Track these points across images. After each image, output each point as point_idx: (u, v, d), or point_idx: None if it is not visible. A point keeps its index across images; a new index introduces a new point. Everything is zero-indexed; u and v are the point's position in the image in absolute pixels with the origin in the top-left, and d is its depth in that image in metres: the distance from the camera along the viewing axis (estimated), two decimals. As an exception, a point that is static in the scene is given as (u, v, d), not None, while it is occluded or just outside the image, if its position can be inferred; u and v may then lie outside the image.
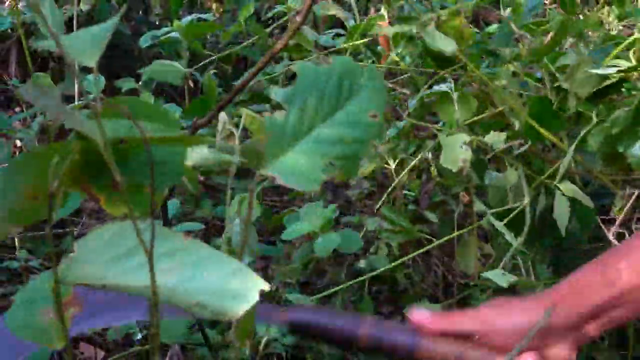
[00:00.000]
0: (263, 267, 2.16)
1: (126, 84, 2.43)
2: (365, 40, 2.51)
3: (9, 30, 2.82)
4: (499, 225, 1.49)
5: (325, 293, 1.87)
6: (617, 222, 1.61)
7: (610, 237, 1.56)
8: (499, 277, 1.39)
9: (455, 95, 1.60)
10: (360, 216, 2.04)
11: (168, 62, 2.03)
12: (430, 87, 1.79)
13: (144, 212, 0.67)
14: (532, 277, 1.64)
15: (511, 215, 1.54)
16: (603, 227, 1.60)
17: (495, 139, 1.58)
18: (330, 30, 2.82)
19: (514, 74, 1.78)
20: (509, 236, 1.48)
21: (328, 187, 2.37)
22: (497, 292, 1.75)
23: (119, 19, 0.66)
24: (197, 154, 0.83)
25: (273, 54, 1.42)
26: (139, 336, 1.58)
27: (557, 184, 1.53)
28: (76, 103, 2.05)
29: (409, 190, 1.98)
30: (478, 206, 1.58)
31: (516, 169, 1.62)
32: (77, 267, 0.65)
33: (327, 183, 2.04)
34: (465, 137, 1.49)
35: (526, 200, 1.54)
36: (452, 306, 1.79)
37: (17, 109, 2.75)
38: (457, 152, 1.49)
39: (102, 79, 1.96)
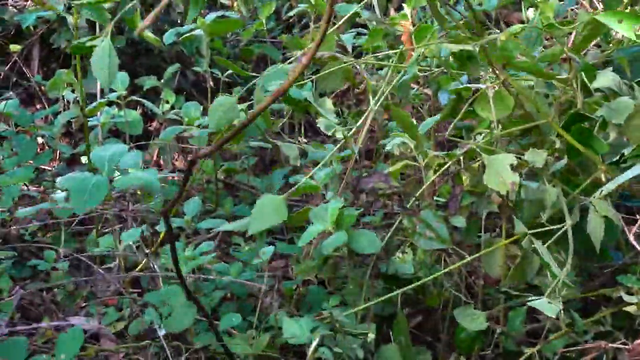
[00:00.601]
0: (283, 266, 2.15)
1: (148, 81, 2.43)
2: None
3: (31, 28, 2.83)
4: (544, 251, 1.49)
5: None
6: (638, 224, 1.62)
7: (631, 238, 1.56)
8: (546, 306, 1.38)
9: (491, 93, 1.59)
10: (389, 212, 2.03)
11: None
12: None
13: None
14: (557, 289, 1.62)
15: (554, 238, 1.54)
16: (626, 229, 1.61)
17: (537, 157, 1.57)
18: (351, 30, 2.81)
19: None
20: (554, 266, 1.47)
21: (348, 187, 2.36)
22: (518, 296, 1.74)
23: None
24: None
25: (303, 68, 1.39)
26: (163, 332, 1.57)
27: (593, 202, 1.53)
28: (99, 100, 2.05)
29: (437, 196, 1.97)
30: (518, 227, 1.56)
31: (554, 186, 1.61)
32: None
33: (347, 183, 2.03)
34: (512, 159, 1.48)
35: (569, 222, 1.53)
36: (477, 308, 1.78)
37: (39, 106, 2.75)
38: (504, 174, 1.48)
39: (127, 76, 1.95)
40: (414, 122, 1.71)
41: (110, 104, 2.18)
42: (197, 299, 1.53)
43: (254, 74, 2.10)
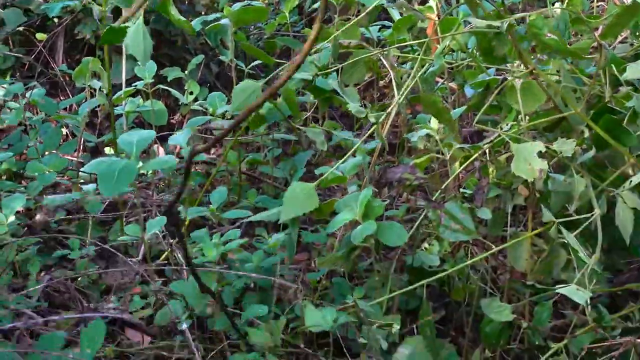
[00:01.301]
0: (307, 259, 2.14)
1: (172, 72, 2.43)
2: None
3: (56, 19, 2.84)
4: (573, 240, 1.47)
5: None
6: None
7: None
8: (575, 293, 1.36)
9: (519, 85, 1.57)
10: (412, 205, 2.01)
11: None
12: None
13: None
14: (585, 278, 1.60)
15: (581, 228, 1.53)
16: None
17: (565, 146, 1.55)
18: (376, 23, 2.79)
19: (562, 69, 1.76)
20: (582, 254, 1.45)
21: (371, 181, 2.35)
22: (545, 290, 1.73)
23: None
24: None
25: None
26: (185, 325, 1.57)
27: (621, 194, 1.51)
28: (124, 89, 2.05)
29: (464, 188, 1.96)
30: (546, 216, 1.54)
31: (582, 177, 1.60)
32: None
33: (369, 177, 2.02)
34: (541, 146, 1.47)
35: (597, 211, 1.51)
36: (502, 300, 1.76)
37: (63, 97, 2.76)
38: (532, 161, 1.47)
39: (154, 65, 1.95)
40: (446, 108, 1.69)
41: (135, 94, 2.18)
42: (212, 291, 1.52)
43: (279, 60, 2.10)
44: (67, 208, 2.03)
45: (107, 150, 2.39)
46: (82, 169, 1.53)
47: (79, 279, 1.86)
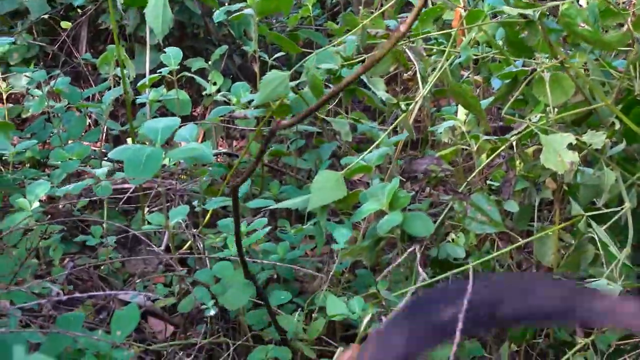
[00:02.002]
0: (329, 252, 2.13)
1: (195, 63, 2.42)
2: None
3: (79, 9, 2.84)
4: (602, 234, 1.45)
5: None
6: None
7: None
8: (605, 287, 1.34)
9: (547, 77, 1.55)
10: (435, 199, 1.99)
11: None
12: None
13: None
14: (615, 272, 1.58)
15: (610, 222, 1.50)
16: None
17: (595, 138, 1.53)
18: (400, 15, 2.78)
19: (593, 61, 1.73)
20: (613, 248, 1.43)
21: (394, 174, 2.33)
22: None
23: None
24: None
25: (372, 63, 1.34)
26: (212, 312, 1.56)
27: None
28: (148, 76, 2.04)
29: (491, 180, 1.94)
30: (574, 209, 1.52)
31: (612, 169, 1.57)
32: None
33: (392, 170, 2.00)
34: (572, 138, 1.44)
35: (628, 205, 1.49)
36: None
37: (85, 86, 2.76)
38: (562, 153, 1.45)
39: (180, 52, 1.94)
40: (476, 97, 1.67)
41: (158, 84, 2.17)
42: (255, 278, 1.51)
43: (305, 49, 2.08)
44: (90, 197, 2.03)
45: (129, 140, 2.38)
46: (107, 156, 1.51)
47: (102, 267, 1.86)
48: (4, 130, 1.64)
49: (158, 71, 2.01)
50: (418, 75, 2.11)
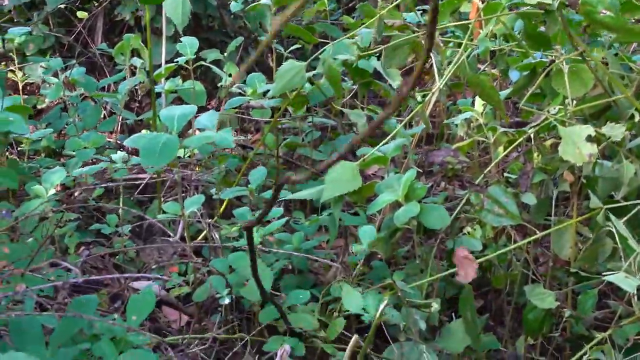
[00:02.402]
0: (344, 245, 2.12)
1: (211, 54, 2.41)
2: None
3: (95, 1, 2.84)
4: (621, 227, 1.43)
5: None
6: None
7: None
8: (624, 281, 1.32)
9: (566, 69, 1.53)
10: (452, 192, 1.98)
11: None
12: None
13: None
14: (633, 266, 1.56)
15: (629, 215, 1.49)
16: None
17: (615, 131, 1.51)
18: (417, 8, 2.76)
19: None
20: (632, 241, 1.41)
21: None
22: (589, 279, 1.68)
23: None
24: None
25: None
26: (227, 300, 1.55)
27: None
28: (164, 66, 2.04)
29: (508, 172, 1.92)
30: (593, 201, 1.50)
31: (632, 162, 1.55)
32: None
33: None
34: (590, 130, 1.43)
35: (647, 196, 1.47)
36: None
37: (100, 79, 2.76)
38: (581, 145, 1.43)
39: (196, 41, 1.94)
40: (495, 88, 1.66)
41: (174, 75, 2.17)
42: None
43: (323, 40, 2.07)
44: (106, 186, 2.03)
45: (144, 132, 2.38)
46: (123, 143, 1.51)
47: (117, 257, 1.86)
48: (22, 114, 1.64)
49: (175, 60, 2.01)
50: (434, 68, 2.10)
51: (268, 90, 2.10)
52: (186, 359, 1.55)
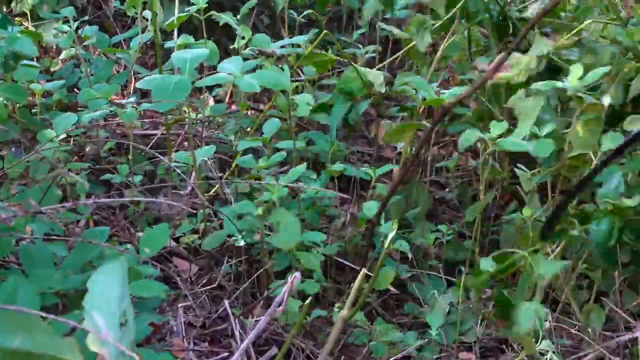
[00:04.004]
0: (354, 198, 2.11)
1: (224, 16, 2.40)
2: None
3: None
4: None
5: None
6: None
7: None
8: None
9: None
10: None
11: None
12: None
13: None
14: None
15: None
16: None
17: None
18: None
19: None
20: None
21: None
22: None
23: None
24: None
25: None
26: (242, 242, 1.55)
27: None
28: (177, 15, 2.01)
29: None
30: None
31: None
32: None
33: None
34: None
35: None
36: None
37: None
38: None
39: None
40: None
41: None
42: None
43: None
44: (117, 141, 2.02)
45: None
46: (135, 86, 1.50)
47: (127, 209, 1.85)
48: (33, 37, 1.63)
49: (186, 10, 1.99)
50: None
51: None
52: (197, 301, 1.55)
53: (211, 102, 2.61)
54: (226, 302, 1.52)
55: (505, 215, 1.94)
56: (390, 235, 1.13)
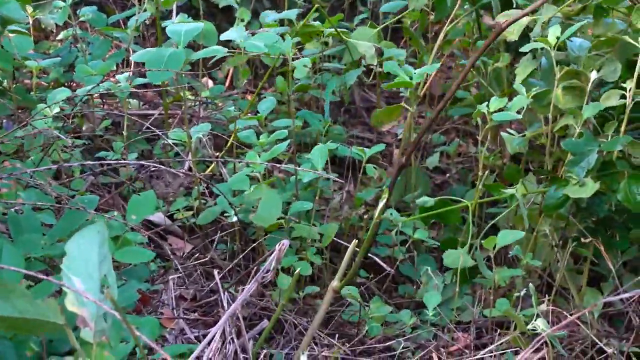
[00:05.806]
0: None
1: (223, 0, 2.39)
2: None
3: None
4: None
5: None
6: None
7: None
8: None
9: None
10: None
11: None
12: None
13: None
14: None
15: None
16: None
17: None
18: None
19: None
20: None
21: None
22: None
23: None
24: None
25: None
26: (235, 218, 1.54)
27: None
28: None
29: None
30: None
31: None
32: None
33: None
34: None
35: None
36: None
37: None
38: None
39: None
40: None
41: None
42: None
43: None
44: (113, 120, 2.01)
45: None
46: (130, 58, 1.49)
47: (123, 186, 1.84)
48: (22, 2, 1.63)
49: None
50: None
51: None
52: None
53: (210, 84, 2.60)
54: (216, 274, 1.51)
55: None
56: (380, 205, 1.11)
